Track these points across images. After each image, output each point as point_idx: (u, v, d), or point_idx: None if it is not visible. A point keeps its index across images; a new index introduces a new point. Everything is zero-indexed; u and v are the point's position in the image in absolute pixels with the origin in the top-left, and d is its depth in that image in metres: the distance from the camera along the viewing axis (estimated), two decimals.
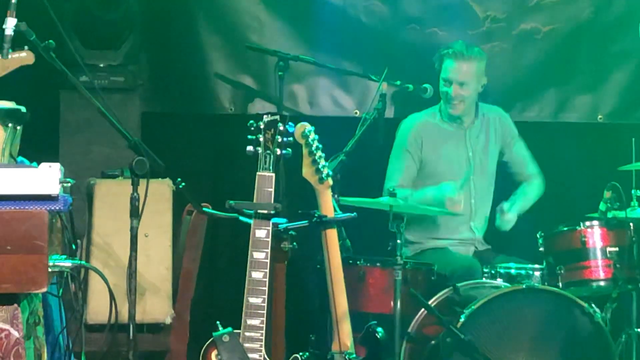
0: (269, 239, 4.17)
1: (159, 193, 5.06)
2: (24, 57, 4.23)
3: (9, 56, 4.25)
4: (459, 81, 5.97)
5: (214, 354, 4.14)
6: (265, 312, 4.15)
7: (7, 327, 3.36)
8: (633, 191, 5.50)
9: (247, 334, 4.12)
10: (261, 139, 4.21)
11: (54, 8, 4.23)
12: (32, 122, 4.04)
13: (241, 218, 4.30)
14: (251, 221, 4.18)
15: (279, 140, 4.22)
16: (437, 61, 6.08)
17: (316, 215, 4.49)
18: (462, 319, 5.08)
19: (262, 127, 4.22)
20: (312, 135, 4.48)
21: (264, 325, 4.13)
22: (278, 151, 4.21)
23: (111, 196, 5.09)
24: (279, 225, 4.50)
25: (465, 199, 5.93)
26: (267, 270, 4.15)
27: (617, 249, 5.44)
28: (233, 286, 4.51)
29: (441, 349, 5.08)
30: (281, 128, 4.23)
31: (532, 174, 6.20)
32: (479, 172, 6.06)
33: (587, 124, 6.62)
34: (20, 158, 4.12)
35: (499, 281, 5.45)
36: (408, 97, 6.25)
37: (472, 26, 6.50)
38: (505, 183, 6.19)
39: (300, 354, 4.40)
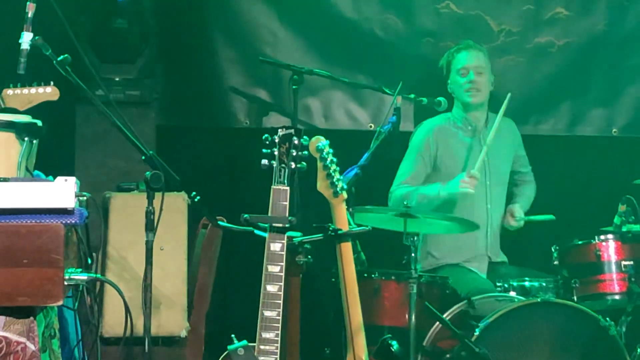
0: (284, 253, 4.16)
1: (174, 206, 5.08)
2: (49, 92, 4.30)
3: (35, 90, 4.33)
4: (476, 66, 6.01)
5: None
6: (280, 325, 4.14)
7: (23, 340, 3.37)
8: None
9: (262, 347, 4.12)
10: (276, 153, 4.20)
11: (70, 22, 4.26)
12: (48, 136, 4.06)
13: (256, 231, 4.31)
14: (266, 235, 4.18)
15: (294, 153, 4.21)
16: (445, 63, 6.10)
17: (331, 228, 4.48)
18: (476, 333, 5.08)
19: (276, 140, 4.22)
20: (327, 149, 4.47)
21: (279, 339, 4.13)
22: (293, 165, 4.21)
23: (127, 209, 5.12)
24: (294, 239, 4.50)
25: (481, 205, 5.94)
26: (282, 284, 4.14)
27: (632, 262, 5.44)
28: (248, 299, 4.51)
29: None
30: (296, 142, 4.22)
31: (528, 172, 6.26)
32: (494, 178, 6.04)
33: (602, 138, 6.61)
34: (36, 172, 4.14)
35: (514, 294, 5.44)
36: (422, 111, 6.25)
37: (487, 40, 6.49)
38: None
39: None
